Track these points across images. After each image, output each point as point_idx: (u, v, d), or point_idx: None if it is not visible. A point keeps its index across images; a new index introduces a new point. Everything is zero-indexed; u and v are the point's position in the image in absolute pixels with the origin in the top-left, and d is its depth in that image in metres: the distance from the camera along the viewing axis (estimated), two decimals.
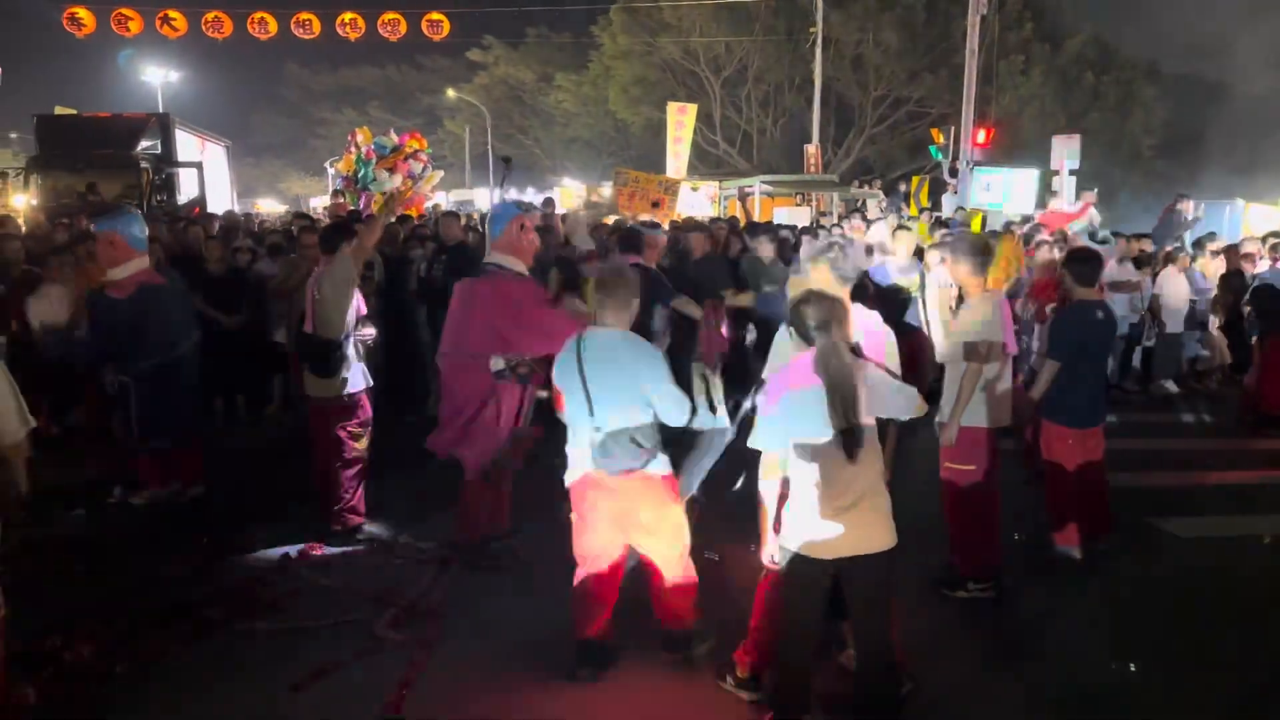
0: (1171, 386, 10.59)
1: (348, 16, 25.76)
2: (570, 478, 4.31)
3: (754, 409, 3.76)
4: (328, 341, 5.82)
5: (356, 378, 5.97)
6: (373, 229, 6.12)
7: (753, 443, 3.77)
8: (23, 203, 16.67)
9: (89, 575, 5.45)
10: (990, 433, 5.14)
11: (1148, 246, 11.84)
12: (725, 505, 5.12)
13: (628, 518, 4.20)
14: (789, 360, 3.73)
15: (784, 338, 3.96)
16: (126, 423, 6.40)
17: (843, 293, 3.93)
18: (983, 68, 20.30)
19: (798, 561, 3.60)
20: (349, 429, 5.97)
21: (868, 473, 3.56)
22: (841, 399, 3.43)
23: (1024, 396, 5.70)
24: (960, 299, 5.32)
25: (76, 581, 5.35)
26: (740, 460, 4.29)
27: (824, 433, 3.48)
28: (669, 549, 4.28)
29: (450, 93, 52.35)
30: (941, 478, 5.28)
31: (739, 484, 4.70)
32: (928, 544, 5.31)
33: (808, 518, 3.55)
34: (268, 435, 8.63)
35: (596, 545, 4.29)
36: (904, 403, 3.67)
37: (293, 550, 5.73)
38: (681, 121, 24.35)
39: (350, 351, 5.92)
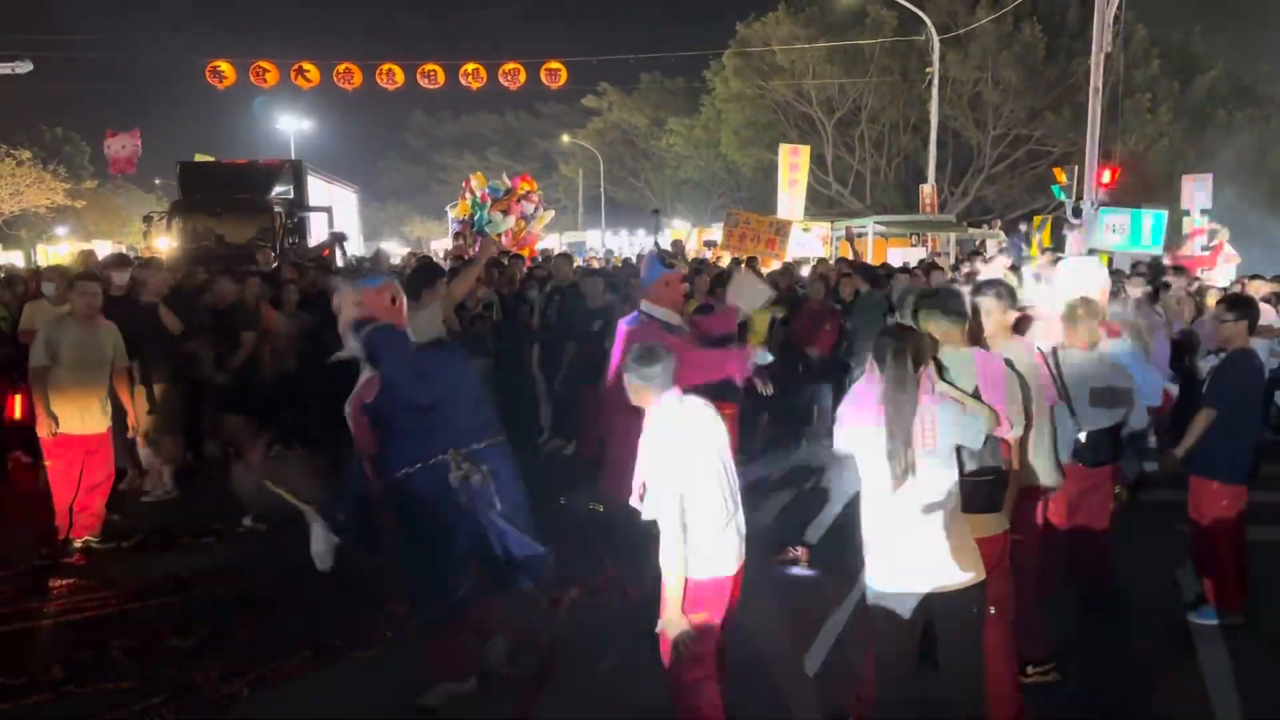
0: None
1: (470, 67, 26.67)
2: None
3: None
4: None
5: None
6: (465, 277, 6.19)
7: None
8: (165, 244, 17.64)
9: (214, 600, 5.68)
10: (1030, 492, 4.42)
11: None
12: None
13: None
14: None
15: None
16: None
17: (957, 333, 3.88)
18: (1107, 106, 19.69)
19: (883, 599, 3.57)
20: None
21: (940, 504, 3.49)
22: (900, 427, 3.40)
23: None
24: None
25: (202, 607, 5.58)
26: None
27: (883, 464, 3.45)
28: None
29: (565, 138, 53.68)
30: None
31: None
32: None
33: (885, 552, 3.53)
34: None
35: None
36: (972, 430, 3.54)
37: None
38: (795, 163, 24.32)
39: None
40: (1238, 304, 5.53)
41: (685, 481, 3.63)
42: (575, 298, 9.11)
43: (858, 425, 3.56)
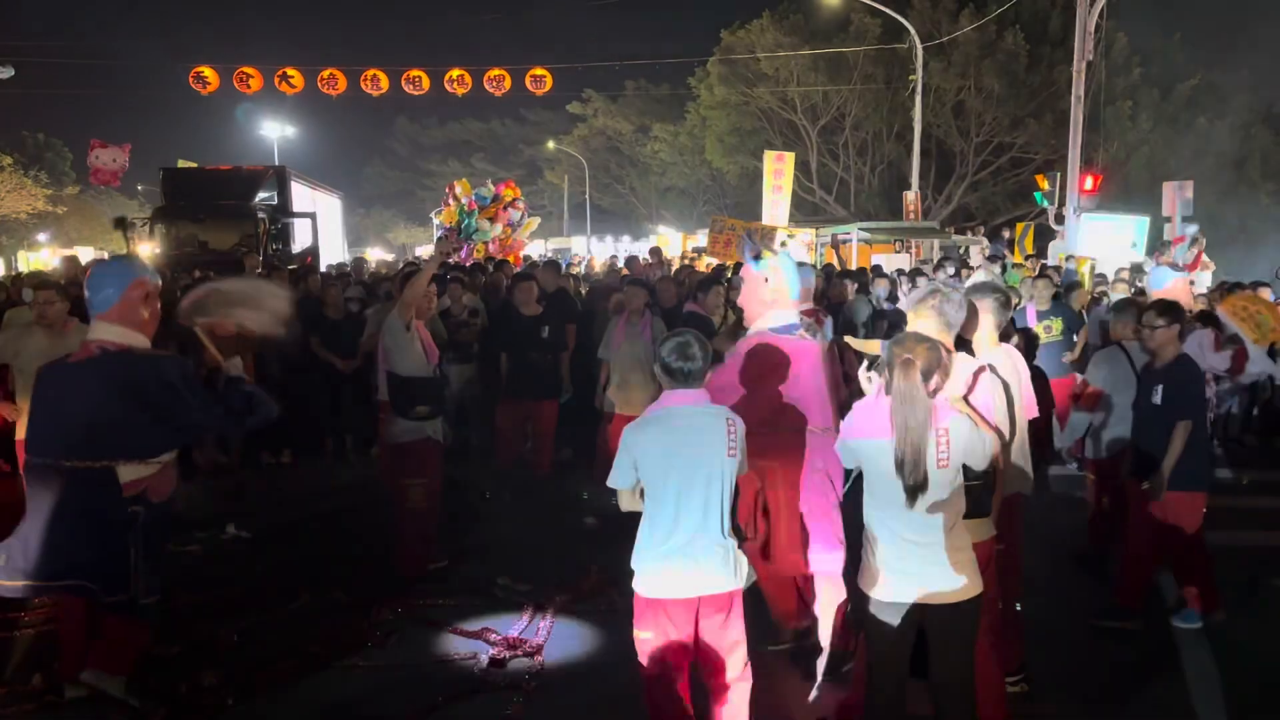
0: None
1: (455, 73, 26.62)
2: None
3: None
4: (406, 379, 5.91)
5: (411, 428, 5.96)
6: (417, 281, 6.02)
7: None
8: (148, 251, 17.53)
9: (198, 608, 5.62)
10: (1012, 500, 4.37)
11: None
12: None
13: None
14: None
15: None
16: None
17: (945, 339, 3.85)
18: (1089, 113, 19.84)
19: (882, 609, 3.53)
20: (403, 477, 6.01)
21: (946, 517, 3.46)
22: (911, 444, 3.34)
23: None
24: None
25: (186, 614, 5.53)
26: None
27: (893, 477, 3.40)
28: None
29: (551, 144, 53.71)
30: None
31: None
32: None
33: (890, 563, 3.49)
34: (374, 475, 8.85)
35: None
36: (980, 450, 3.52)
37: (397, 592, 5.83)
38: (780, 170, 24.33)
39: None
40: (1168, 310, 5.46)
41: (640, 472, 3.57)
42: (562, 304, 9.11)
43: (869, 438, 3.48)
